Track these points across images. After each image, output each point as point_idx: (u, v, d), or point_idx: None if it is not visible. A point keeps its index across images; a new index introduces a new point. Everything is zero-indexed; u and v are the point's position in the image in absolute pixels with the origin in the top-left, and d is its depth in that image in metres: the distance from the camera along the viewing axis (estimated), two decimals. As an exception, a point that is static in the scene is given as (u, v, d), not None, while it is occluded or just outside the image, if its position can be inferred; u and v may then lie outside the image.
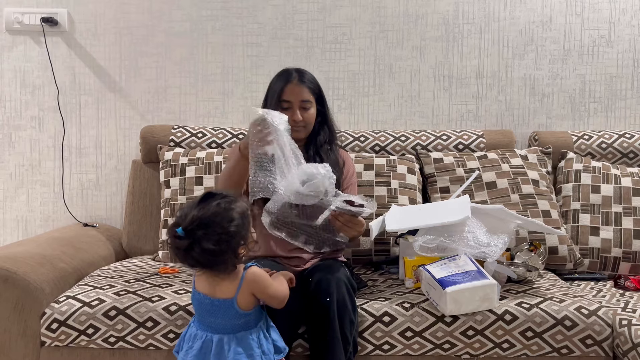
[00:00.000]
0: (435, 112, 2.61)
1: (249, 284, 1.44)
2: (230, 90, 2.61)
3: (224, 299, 1.44)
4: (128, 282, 1.88)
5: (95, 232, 2.39)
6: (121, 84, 2.60)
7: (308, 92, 1.89)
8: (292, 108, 1.87)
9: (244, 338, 1.44)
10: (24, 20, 2.54)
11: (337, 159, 1.97)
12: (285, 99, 1.87)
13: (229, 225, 1.39)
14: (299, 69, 1.94)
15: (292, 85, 1.88)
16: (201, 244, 1.36)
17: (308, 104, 1.89)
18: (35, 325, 1.74)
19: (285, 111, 1.85)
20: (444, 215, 1.78)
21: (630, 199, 2.22)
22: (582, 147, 2.42)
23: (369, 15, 2.58)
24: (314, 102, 1.92)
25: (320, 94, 1.95)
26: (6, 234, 2.64)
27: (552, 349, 1.69)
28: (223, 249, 1.38)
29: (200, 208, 1.40)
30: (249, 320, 1.46)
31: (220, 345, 1.44)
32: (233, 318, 1.44)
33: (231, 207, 1.41)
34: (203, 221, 1.37)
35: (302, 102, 1.88)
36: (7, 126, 2.61)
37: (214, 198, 1.42)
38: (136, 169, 2.48)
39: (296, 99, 1.87)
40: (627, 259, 2.16)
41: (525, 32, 2.57)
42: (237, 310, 1.43)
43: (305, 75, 1.92)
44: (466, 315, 1.69)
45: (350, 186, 1.99)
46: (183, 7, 2.57)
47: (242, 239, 1.41)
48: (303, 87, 1.89)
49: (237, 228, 1.40)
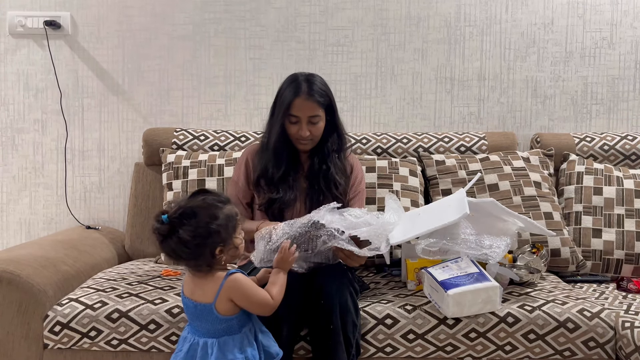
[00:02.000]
0: (437, 114, 2.61)
1: (227, 290, 1.44)
2: (233, 93, 2.61)
3: (204, 304, 1.45)
4: (131, 285, 1.89)
5: (98, 235, 2.40)
6: (124, 86, 2.61)
7: (317, 106, 1.85)
8: (300, 123, 1.85)
9: (226, 343, 1.45)
10: (27, 24, 2.55)
11: (344, 166, 1.95)
12: (293, 113, 1.84)
13: (210, 221, 1.40)
14: (309, 78, 1.87)
15: (300, 100, 1.83)
16: (179, 233, 1.38)
17: (316, 119, 1.86)
18: (38, 328, 1.75)
19: (293, 125, 1.86)
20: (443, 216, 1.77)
21: (632, 201, 2.22)
22: (584, 149, 2.42)
23: (371, 18, 2.58)
24: (322, 115, 1.88)
25: (330, 103, 1.90)
26: (9, 236, 2.64)
27: (555, 351, 1.69)
28: (198, 243, 1.39)
29: (188, 200, 1.44)
30: (232, 325, 1.46)
31: (205, 349, 1.45)
32: (214, 322, 1.45)
33: (217, 205, 1.43)
34: (186, 211, 1.41)
35: (311, 117, 1.85)
36: (10, 129, 2.62)
37: (203, 194, 1.46)
38: (139, 171, 2.48)
39: (304, 115, 1.84)
40: (629, 261, 2.15)
41: (527, 34, 2.57)
42: (216, 315, 1.44)
43: (314, 87, 1.85)
44: (468, 318, 1.69)
45: (358, 195, 1.96)
46: (186, 10, 2.58)
47: (221, 240, 1.42)
48: (312, 102, 1.84)
49: (218, 227, 1.41)
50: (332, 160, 1.91)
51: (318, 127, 1.88)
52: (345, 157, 1.97)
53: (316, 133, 1.88)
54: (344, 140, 1.97)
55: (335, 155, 1.93)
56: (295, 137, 1.88)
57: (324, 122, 1.89)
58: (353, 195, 1.95)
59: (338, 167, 1.92)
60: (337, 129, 1.94)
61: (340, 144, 1.95)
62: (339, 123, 1.95)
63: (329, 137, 1.93)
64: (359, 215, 1.68)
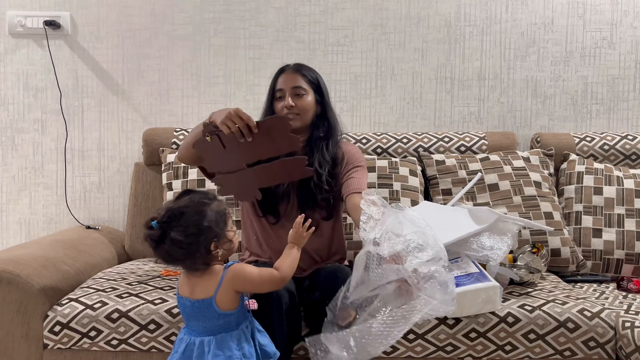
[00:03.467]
0: (437, 114, 2.61)
1: (230, 281, 1.44)
2: (233, 92, 2.61)
3: (202, 299, 1.44)
4: (130, 285, 1.89)
5: (97, 235, 2.40)
6: (124, 86, 2.61)
7: (301, 80, 1.84)
8: (284, 96, 1.83)
9: (223, 340, 1.44)
10: (27, 24, 2.55)
11: (336, 154, 1.88)
12: (278, 88, 1.85)
13: (199, 219, 1.40)
14: (298, 63, 1.92)
15: (285, 74, 1.86)
16: (171, 235, 1.38)
17: (301, 90, 1.83)
18: (38, 328, 1.75)
19: (278, 101, 1.84)
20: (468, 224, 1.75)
21: (632, 200, 2.22)
22: (585, 148, 2.42)
23: (370, 18, 2.58)
24: (310, 91, 1.85)
25: (318, 85, 1.88)
26: (9, 236, 2.64)
27: (555, 351, 1.69)
28: (191, 242, 1.39)
29: (175, 202, 1.44)
30: (230, 321, 1.46)
31: (201, 348, 1.45)
32: (212, 319, 1.45)
33: (204, 202, 1.43)
34: (174, 213, 1.40)
35: (294, 88, 1.83)
36: (10, 129, 2.62)
37: (189, 194, 1.46)
38: (138, 171, 2.48)
39: (287, 85, 1.83)
40: (629, 261, 2.15)
41: (527, 34, 2.57)
42: (215, 309, 1.44)
43: (302, 66, 1.88)
44: (469, 318, 1.69)
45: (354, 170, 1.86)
46: (186, 10, 2.58)
47: (214, 235, 1.42)
48: (296, 74, 1.85)
49: (209, 223, 1.41)
50: (320, 148, 1.85)
51: (305, 101, 1.83)
52: (335, 145, 1.90)
53: (302, 106, 1.83)
54: (333, 128, 1.89)
55: (323, 142, 1.87)
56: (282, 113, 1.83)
57: (312, 99, 1.86)
58: (346, 179, 1.86)
59: (329, 155, 1.85)
60: (327, 114, 1.90)
61: (329, 130, 1.89)
62: (331, 109, 1.91)
63: (319, 124, 1.88)
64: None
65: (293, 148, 1.58)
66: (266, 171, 1.63)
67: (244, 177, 1.64)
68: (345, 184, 1.85)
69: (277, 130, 1.55)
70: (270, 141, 1.56)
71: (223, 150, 1.59)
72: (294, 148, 1.58)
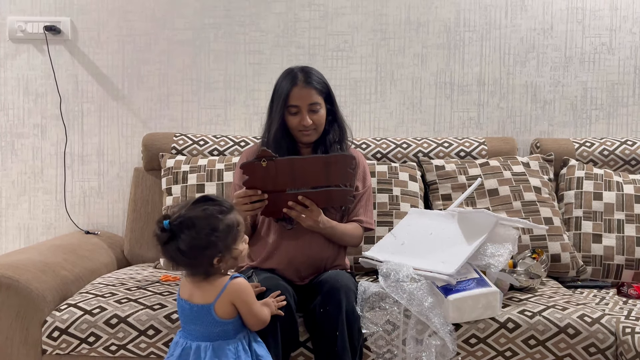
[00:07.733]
0: (436, 120, 2.61)
1: (231, 293, 1.44)
2: (233, 98, 2.61)
3: (202, 305, 1.44)
4: (129, 290, 1.88)
5: (97, 240, 2.39)
6: (123, 91, 2.61)
7: (316, 94, 1.81)
8: (301, 113, 1.81)
9: (220, 347, 1.44)
10: (27, 29, 2.56)
11: None
12: (292, 104, 1.80)
13: (208, 233, 1.40)
14: (304, 68, 1.85)
15: (298, 88, 1.80)
16: (177, 243, 1.38)
17: (317, 106, 1.82)
18: (36, 333, 1.74)
19: (294, 116, 1.82)
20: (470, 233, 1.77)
21: (632, 206, 2.21)
22: (584, 154, 2.42)
23: (370, 23, 2.59)
24: (322, 103, 1.84)
25: (328, 92, 1.87)
26: (8, 241, 2.64)
27: (555, 357, 1.68)
28: (195, 255, 1.39)
29: (190, 208, 1.42)
30: (228, 329, 1.45)
31: (198, 353, 1.44)
32: (210, 325, 1.44)
33: (217, 216, 1.42)
34: (186, 221, 1.39)
35: (311, 105, 1.81)
36: (9, 134, 2.62)
37: (205, 202, 1.44)
38: (138, 176, 2.48)
39: (304, 102, 1.80)
40: (630, 267, 2.15)
41: (526, 40, 2.58)
42: (214, 316, 1.43)
43: (311, 76, 1.83)
44: (469, 323, 1.69)
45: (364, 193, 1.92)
46: (186, 15, 2.59)
47: (219, 251, 1.41)
48: (310, 89, 1.80)
49: (216, 239, 1.40)
50: (334, 151, 1.86)
51: (320, 115, 1.83)
52: (347, 148, 1.93)
53: (319, 122, 1.83)
54: (344, 131, 1.92)
55: (338, 146, 1.89)
56: (298, 129, 1.83)
57: (324, 110, 1.86)
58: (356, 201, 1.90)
59: None
60: (337, 119, 1.91)
61: (341, 134, 1.91)
62: (339, 113, 1.92)
63: (330, 129, 1.89)
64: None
65: (347, 182, 1.69)
66: (309, 196, 1.69)
67: (280, 197, 1.68)
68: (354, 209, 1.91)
69: (339, 165, 1.66)
70: (327, 173, 1.67)
71: (273, 175, 1.64)
72: (348, 182, 1.69)
